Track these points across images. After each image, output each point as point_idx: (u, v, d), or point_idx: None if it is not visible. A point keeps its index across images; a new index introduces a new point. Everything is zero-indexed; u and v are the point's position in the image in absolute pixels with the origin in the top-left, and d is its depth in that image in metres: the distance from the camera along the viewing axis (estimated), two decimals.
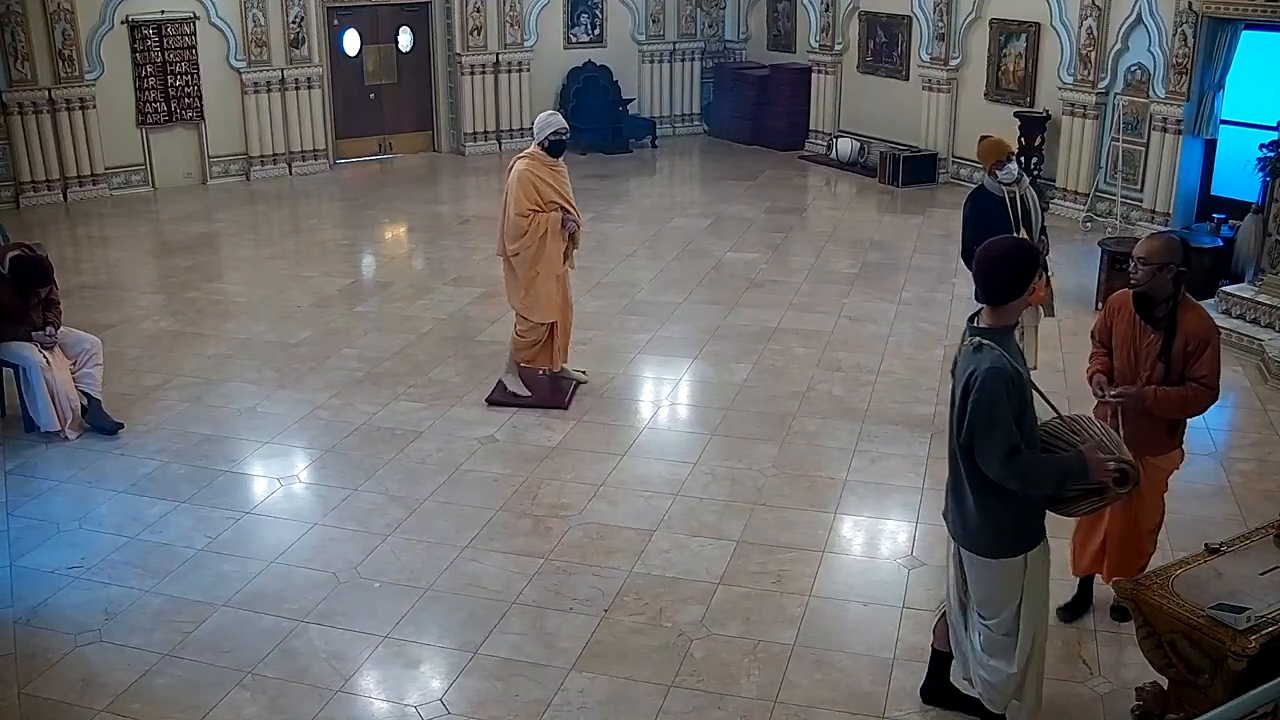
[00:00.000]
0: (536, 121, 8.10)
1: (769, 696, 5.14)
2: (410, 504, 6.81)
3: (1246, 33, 11.22)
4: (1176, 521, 6.59)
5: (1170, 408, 5.26)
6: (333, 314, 10.16)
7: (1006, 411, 4.17)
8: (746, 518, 6.65)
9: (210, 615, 5.73)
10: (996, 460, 4.18)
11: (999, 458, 4.17)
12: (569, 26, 17.08)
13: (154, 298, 10.76)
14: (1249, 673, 4.28)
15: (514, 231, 7.87)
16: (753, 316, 9.93)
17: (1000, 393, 4.15)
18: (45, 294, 7.75)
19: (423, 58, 16.43)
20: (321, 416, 8.03)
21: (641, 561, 6.19)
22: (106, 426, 7.69)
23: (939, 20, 14.62)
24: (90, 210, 13.66)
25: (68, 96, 13.65)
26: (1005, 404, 4.16)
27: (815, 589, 5.96)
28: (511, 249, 7.94)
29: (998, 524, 4.39)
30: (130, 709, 5.07)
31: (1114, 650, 5.43)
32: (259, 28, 14.70)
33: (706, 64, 18.23)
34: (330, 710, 5.07)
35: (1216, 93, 11.52)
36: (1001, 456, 4.17)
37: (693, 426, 7.95)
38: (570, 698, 5.13)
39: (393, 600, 5.85)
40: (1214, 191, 11.93)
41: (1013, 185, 7.32)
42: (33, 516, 6.69)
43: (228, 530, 6.53)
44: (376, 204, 14.16)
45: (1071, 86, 12.95)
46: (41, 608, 5.79)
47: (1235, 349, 9.05)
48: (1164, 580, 4.71)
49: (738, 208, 13.77)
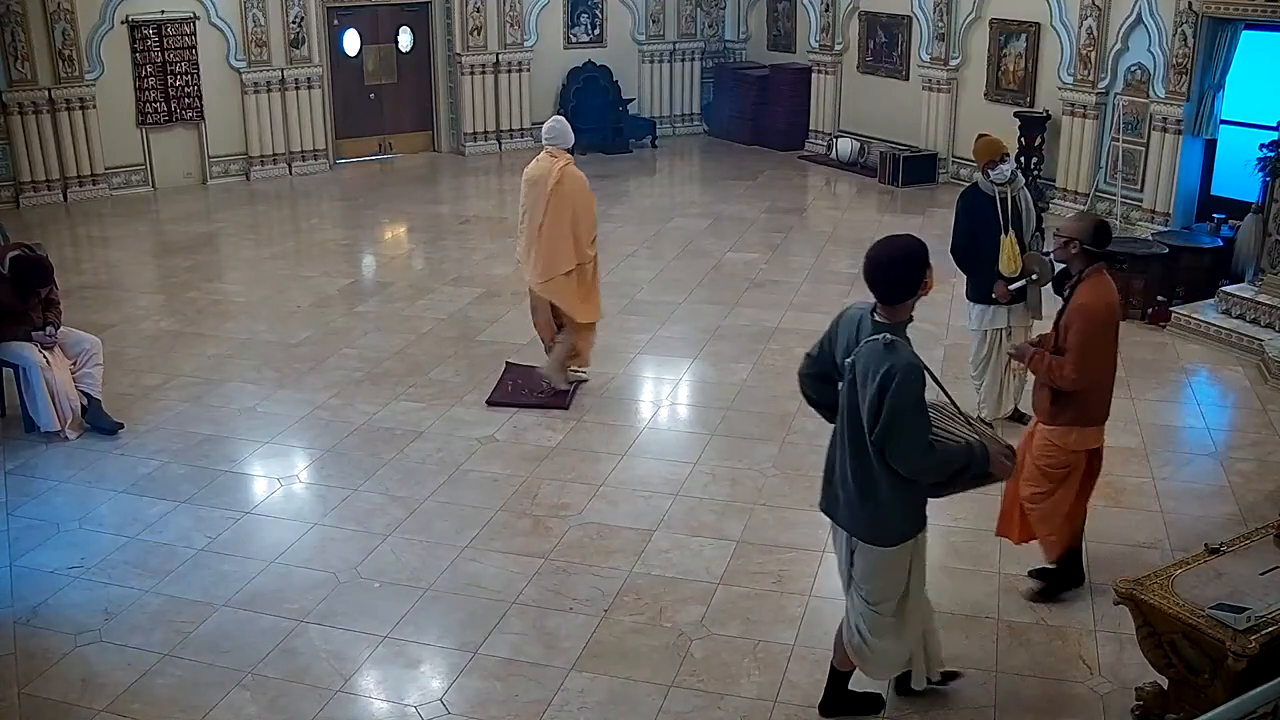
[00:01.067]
0: (562, 127, 7.98)
1: (769, 696, 5.14)
2: (410, 504, 6.81)
3: (1246, 33, 11.22)
4: (1176, 521, 6.61)
5: (1040, 373, 5.51)
6: (333, 314, 10.16)
7: (925, 406, 4.32)
8: (746, 518, 6.66)
9: (210, 615, 5.73)
10: (918, 453, 4.30)
11: (920, 450, 4.31)
12: (569, 26, 17.08)
13: (154, 298, 10.76)
14: (1249, 673, 4.28)
15: (590, 237, 7.93)
16: (753, 316, 9.93)
17: (920, 388, 4.31)
18: (45, 294, 7.75)
19: (423, 58, 16.42)
20: (321, 416, 8.03)
21: (641, 561, 6.19)
22: (106, 426, 7.69)
23: (939, 20, 14.61)
24: (90, 210, 13.66)
25: (68, 96, 13.65)
26: (923, 399, 4.31)
27: (815, 589, 5.95)
28: (590, 253, 7.96)
29: (903, 513, 4.54)
30: (130, 709, 5.07)
31: (1114, 650, 5.43)
32: (259, 28, 14.70)
33: (706, 64, 18.22)
34: (330, 710, 5.07)
35: (1216, 93, 11.52)
36: (923, 449, 4.31)
37: (693, 426, 7.95)
38: (570, 698, 5.13)
39: (393, 600, 5.85)
40: (1214, 191, 11.92)
41: (1005, 186, 7.32)
42: (33, 516, 6.69)
43: (228, 530, 6.53)
44: (376, 204, 14.16)
45: (1071, 86, 12.94)
46: (41, 608, 5.80)
47: (1235, 349, 9.06)
48: (1164, 580, 4.72)
49: (738, 208, 13.77)
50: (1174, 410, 8.37)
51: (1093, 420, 5.56)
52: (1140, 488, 7.03)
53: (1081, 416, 5.51)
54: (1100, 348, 5.45)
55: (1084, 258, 5.48)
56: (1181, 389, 8.69)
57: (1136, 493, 6.97)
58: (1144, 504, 6.83)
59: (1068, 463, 5.59)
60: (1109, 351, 5.53)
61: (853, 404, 4.40)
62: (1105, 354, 5.50)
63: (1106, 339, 5.48)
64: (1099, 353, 5.44)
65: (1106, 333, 5.47)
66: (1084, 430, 5.55)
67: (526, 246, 8.04)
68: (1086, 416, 5.52)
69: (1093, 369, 5.40)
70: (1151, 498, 6.91)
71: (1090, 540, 6.36)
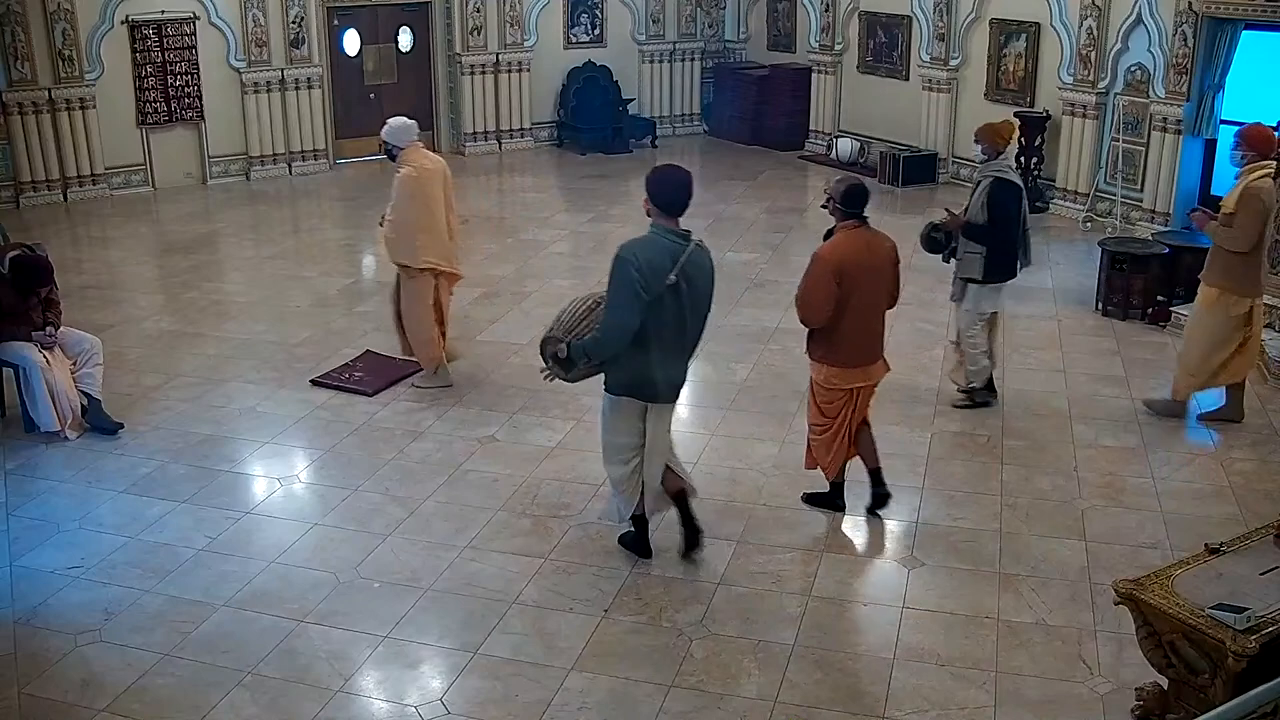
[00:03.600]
0: (406, 126, 8.22)
1: (769, 696, 5.14)
2: (410, 504, 6.81)
3: (1246, 33, 11.23)
4: (1176, 521, 6.61)
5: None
6: (333, 314, 10.16)
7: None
8: (746, 518, 6.66)
9: (210, 615, 5.73)
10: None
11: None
12: (569, 26, 17.07)
13: (154, 298, 10.76)
14: (1249, 673, 4.28)
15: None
16: (753, 316, 9.93)
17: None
18: (45, 294, 7.74)
19: (423, 58, 16.42)
20: (321, 416, 8.03)
21: (641, 561, 6.19)
22: (106, 426, 7.69)
23: (939, 20, 14.62)
24: (90, 210, 13.66)
25: (68, 96, 13.65)
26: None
27: (815, 589, 5.96)
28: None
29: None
30: (130, 709, 5.07)
31: (1114, 650, 5.43)
32: (259, 28, 14.70)
33: (706, 64, 18.22)
34: (330, 710, 5.07)
35: (1216, 93, 11.52)
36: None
37: (693, 426, 7.94)
38: (570, 698, 5.13)
39: (393, 600, 5.85)
40: (1214, 191, 11.90)
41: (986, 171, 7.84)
42: (33, 516, 6.69)
43: (228, 530, 6.53)
44: (376, 204, 14.08)
45: (1071, 86, 12.95)
46: (41, 608, 5.80)
47: None
48: (1164, 580, 4.71)
49: (738, 208, 13.76)
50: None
51: (840, 363, 6.36)
52: (1140, 488, 7.03)
53: (829, 356, 6.37)
54: (822, 290, 6.19)
55: (839, 214, 6.32)
56: None
57: (1136, 493, 6.97)
58: (1144, 504, 6.83)
59: (834, 399, 6.44)
60: (831, 296, 6.18)
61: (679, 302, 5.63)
62: (827, 297, 6.18)
63: (826, 284, 6.17)
64: (821, 294, 6.19)
65: (829, 280, 6.15)
66: (835, 369, 6.38)
67: (438, 239, 8.17)
68: (833, 358, 6.36)
69: (816, 307, 6.23)
70: (1151, 498, 6.91)
71: (1090, 540, 6.40)
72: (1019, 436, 7.68)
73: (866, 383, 6.47)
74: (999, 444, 7.57)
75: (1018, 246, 7.84)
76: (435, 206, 8.10)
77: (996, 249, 7.74)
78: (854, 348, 6.34)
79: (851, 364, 6.36)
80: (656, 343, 5.67)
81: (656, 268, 5.56)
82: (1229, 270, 7.50)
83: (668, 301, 5.59)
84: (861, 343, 6.36)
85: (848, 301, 6.18)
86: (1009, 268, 7.88)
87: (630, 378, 5.75)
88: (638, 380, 5.75)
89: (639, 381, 5.75)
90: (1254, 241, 7.40)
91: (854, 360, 6.36)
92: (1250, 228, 7.35)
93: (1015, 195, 7.69)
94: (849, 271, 6.15)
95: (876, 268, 6.29)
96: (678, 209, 5.73)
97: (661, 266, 5.57)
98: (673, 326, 5.69)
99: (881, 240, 6.37)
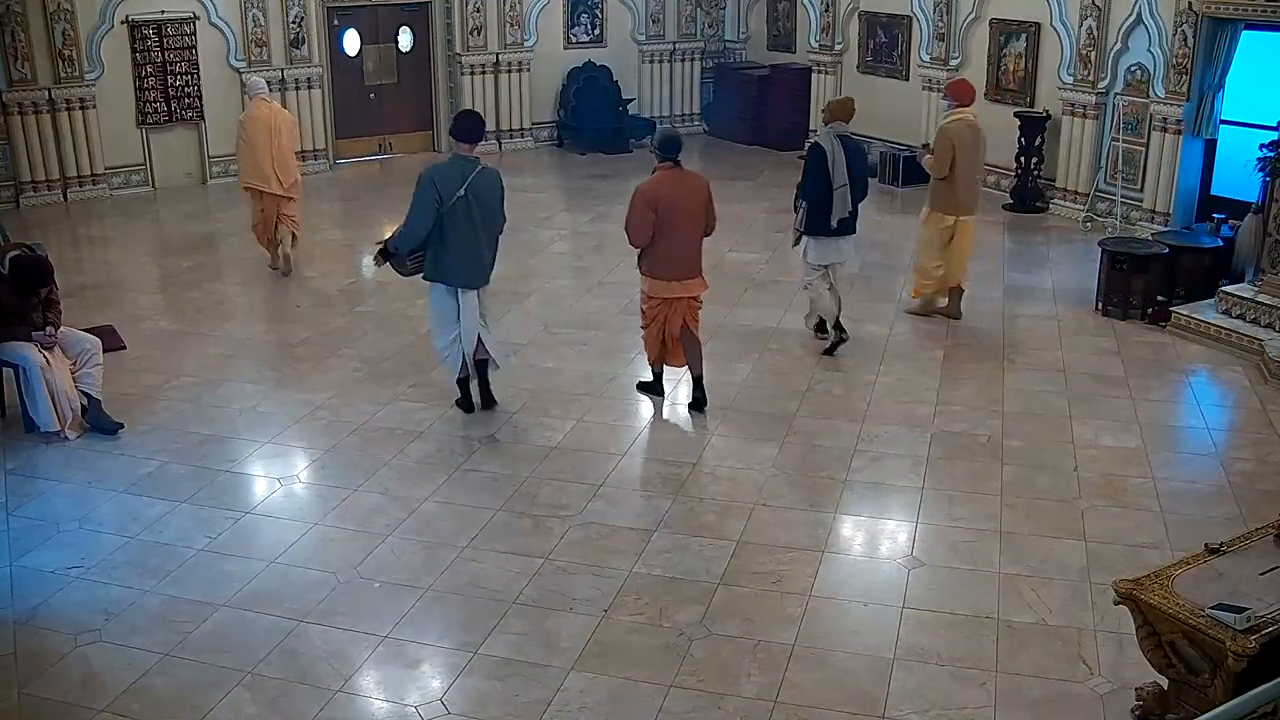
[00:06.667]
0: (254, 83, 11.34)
1: (769, 696, 5.14)
2: (410, 504, 6.81)
3: (1246, 33, 11.22)
4: (1176, 521, 6.61)
5: None
6: (333, 314, 10.16)
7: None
8: (746, 518, 6.66)
9: (210, 615, 5.73)
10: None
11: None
12: (569, 26, 17.08)
13: (154, 298, 10.76)
14: (1249, 673, 4.28)
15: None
16: (753, 316, 9.93)
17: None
18: (45, 294, 7.74)
19: (423, 58, 16.42)
20: (321, 416, 8.03)
21: (641, 561, 6.19)
22: (106, 426, 7.69)
23: (939, 20, 14.62)
24: (90, 210, 13.66)
25: (68, 96, 13.65)
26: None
27: (815, 589, 5.96)
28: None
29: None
30: (130, 709, 5.07)
31: (1114, 650, 5.43)
32: (259, 28, 14.70)
33: (706, 64, 18.22)
34: (330, 710, 5.07)
35: (1216, 93, 11.52)
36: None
37: (693, 426, 7.94)
38: (570, 698, 5.14)
39: (393, 600, 5.85)
40: (1214, 191, 11.92)
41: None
42: (33, 516, 6.69)
43: (228, 530, 6.53)
44: (376, 204, 14.15)
45: (1071, 86, 12.94)
46: (41, 608, 5.80)
47: (1235, 349, 9.06)
48: (1164, 580, 4.72)
49: (738, 208, 13.74)
50: (1174, 410, 8.38)
51: (657, 276, 7.69)
52: (1140, 488, 7.02)
53: (650, 271, 7.73)
54: (639, 216, 7.53)
55: (657, 157, 7.66)
56: (1182, 389, 8.69)
57: (1136, 493, 6.97)
58: (1144, 504, 6.83)
59: (653, 305, 7.79)
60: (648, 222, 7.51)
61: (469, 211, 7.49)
62: (643, 223, 7.53)
63: (643, 212, 7.51)
64: (639, 220, 7.54)
65: (645, 209, 7.50)
66: (654, 281, 7.72)
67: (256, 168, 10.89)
68: (654, 272, 7.71)
69: (635, 231, 7.59)
70: (1151, 498, 6.91)
71: (1090, 540, 6.40)
72: (1019, 437, 7.68)
73: (683, 294, 7.75)
74: (999, 444, 7.57)
75: (827, 202, 8.66)
76: (258, 144, 10.79)
77: (811, 205, 8.73)
78: (669, 265, 7.67)
79: (667, 277, 7.70)
80: (454, 242, 7.48)
81: (450, 183, 7.44)
82: (935, 193, 9.66)
83: (459, 210, 7.45)
84: (676, 261, 7.68)
85: (663, 228, 7.53)
86: (823, 222, 8.73)
87: (437, 269, 7.62)
88: (442, 270, 7.61)
89: (443, 271, 7.61)
90: (946, 169, 9.40)
91: (669, 274, 7.69)
92: (941, 156, 9.42)
93: (818, 156, 8.67)
94: (663, 203, 7.49)
95: (688, 200, 7.61)
96: (469, 138, 7.80)
97: (454, 183, 7.45)
98: (465, 229, 7.49)
99: (694, 179, 7.78)
